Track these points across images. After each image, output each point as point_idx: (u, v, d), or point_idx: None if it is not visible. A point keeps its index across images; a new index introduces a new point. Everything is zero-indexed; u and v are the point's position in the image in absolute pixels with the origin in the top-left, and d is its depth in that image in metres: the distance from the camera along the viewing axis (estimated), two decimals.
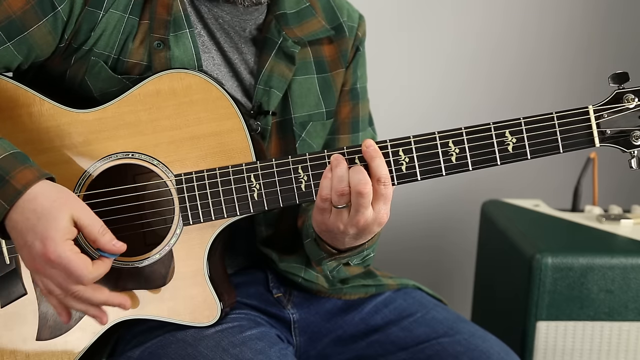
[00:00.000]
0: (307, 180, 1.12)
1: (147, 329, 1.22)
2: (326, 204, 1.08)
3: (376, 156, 1.07)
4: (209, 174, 1.13)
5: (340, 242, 1.15)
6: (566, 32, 2.32)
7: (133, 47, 1.19)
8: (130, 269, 1.16)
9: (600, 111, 1.09)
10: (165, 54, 1.18)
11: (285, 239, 1.33)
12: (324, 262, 1.23)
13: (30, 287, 1.17)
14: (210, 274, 1.16)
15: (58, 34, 1.16)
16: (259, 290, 1.34)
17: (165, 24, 1.19)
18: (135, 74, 1.20)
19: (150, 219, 1.21)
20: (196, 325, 1.17)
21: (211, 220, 1.14)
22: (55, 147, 1.16)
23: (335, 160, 1.08)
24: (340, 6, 1.36)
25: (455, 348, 1.25)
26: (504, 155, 1.10)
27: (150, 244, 1.20)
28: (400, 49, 2.29)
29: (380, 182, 1.07)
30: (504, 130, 1.09)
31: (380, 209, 1.08)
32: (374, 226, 1.09)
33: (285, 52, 1.27)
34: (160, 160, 1.15)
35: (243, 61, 1.28)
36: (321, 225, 1.12)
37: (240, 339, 1.15)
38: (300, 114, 1.30)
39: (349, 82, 1.37)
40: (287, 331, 1.32)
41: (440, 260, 2.44)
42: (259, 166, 1.13)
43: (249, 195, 1.13)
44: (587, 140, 1.09)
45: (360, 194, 1.05)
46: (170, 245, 1.16)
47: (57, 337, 1.17)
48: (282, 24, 1.28)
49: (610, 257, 1.65)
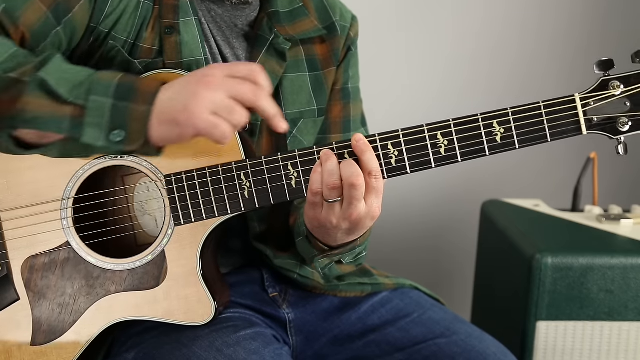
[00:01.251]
0: (297, 177, 1.12)
1: (142, 330, 1.22)
2: (317, 198, 1.09)
3: (366, 150, 1.08)
4: (199, 174, 1.13)
5: (332, 239, 1.15)
6: (566, 31, 2.32)
7: (147, 32, 1.19)
8: (122, 271, 1.16)
9: (587, 99, 1.10)
10: (175, 39, 1.19)
11: (279, 235, 1.34)
12: (316, 259, 1.24)
13: (23, 293, 1.17)
14: (203, 273, 1.16)
15: (89, 13, 1.15)
16: (254, 289, 1.34)
17: (175, 9, 1.20)
18: (148, 58, 1.20)
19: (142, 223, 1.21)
20: (191, 324, 1.17)
21: (202, 219, 1.14)
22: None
23: (325, 155, 1.09)
24: (333, 6, 1.36)
25: (452, 349, 1.25)
26: (493, 145, 1.10)
27: (141, 245, 1.21)
28: (399, 50, 2.29)
29: (371, 175, 1.07)
30: (491, 121, 1.10)
31: (373, 203, 1.08)
32: (367, 220, 1.09)
33: (277, 48, 1.28)
34: (149, 161, 1.15)
35: (234, 56, 1.28)
36: (313, 221, 1.12)
37: (235, 339, 1.15)
38: (292, 111, 1.30)
39: (339, 81, 1.37)
40: (283, 331, 1.32)
41: (440, 260, 2.44)
42: (249, 164, 1.13)
43: (240, 193, 1.13)
44: (575, 128, 1.09)
45: (353, 186, 1.06)
46: (163, 245, 1.16)
47: (52, 341, 1.17)
48: (275, 21, 1.29)
49: (610, 257, 1.65)
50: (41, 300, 1.17)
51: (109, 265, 1.16)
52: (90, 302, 1.17)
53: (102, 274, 1.16)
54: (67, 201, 1.16)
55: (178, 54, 1.19)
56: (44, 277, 1.17)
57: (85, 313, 1.17)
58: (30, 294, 1.17)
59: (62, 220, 1.16)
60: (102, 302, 1.17)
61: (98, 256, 1.16)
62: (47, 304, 1.17)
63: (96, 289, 1.16)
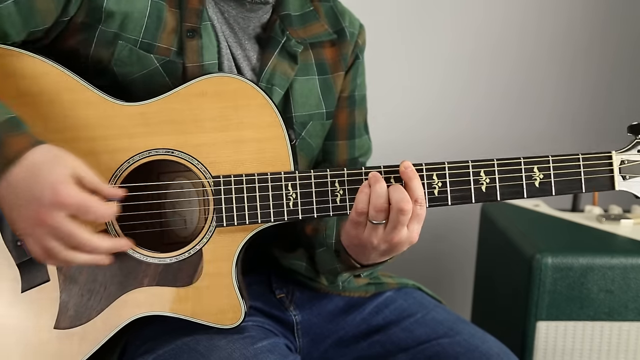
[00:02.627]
0: (342, 194, 1.14)
1: (156, 334, 1.21)
2: (362, 217, 1.10)
3: (414, 177, 1.10)
4: (248, 179, 1.15)
5: (365, 257, 1.17)
6: (566, 32, 2.32)
7: (163, 33, 1.20)
8: (157, 265, 1.16)
9: (622, 157, 1.16)
10: (197, 42, 1.20)
11: (288, 238, 1.34)
12: (340, 276, 1.26)
13: (54, 274, 1.16)
14: (236, 277, 1.17)
15: (61, 3, 1.14)
16: (262, 290, 1.34)
17: (198, 13, 1.21)
18: (166, 56, 1.20)
19: (177, 217, 1.22)
20: (219, 327, 1.17)
21: (245, 224, 1.15)
22: (97, 136, 1.16)
23: (374, 177, 1.11)
24: (342, 12, 1.38)
25: (455, 349, 1.26)
26: (531, 189, 1.15)
27: (167, 243, 1.21)
28: (399, 51, 2.29)
29: (417, 202, 1.09)
30: (532, 166, 1.14)
31: (414, 229, 1.11)
32: (404, 244, 1.12)
33: (289, 51, 1.28)
34: (200, 160, 1.16)
35: (246, 57, 1.28)
36: (354, 239, 1.14)
37: (252, 351, 1.15)
38: (301, 113, 1.31)
39: (347, 88, 1.38)
40: (290, 334, 1.32)
41: (440, 260, 2.44)
42: (297, 176, 1.15)
43: (285, 203, 1.15)
44: (609, 183, 1.16)
45: (401, 211, 1.08)
46: (202, 244, 1.16)
47: (76, 326, 1.16)
48: (287, 24, 1.30)
49: (610, 257, 1.65)
50: (71, 284, 1.16)
51: (145, 257, 1.16)
52: (120, 292, 1.16)
53: (137, 266, 1.16)
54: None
55: (200, 57, 1.20)
56: None
57: (114, 302, 1.16)
58: (61, 277, 1.16)
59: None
60: (132, 294, 1.16)
61: (136, 247, 1.16)
62: (76, 289, 1.16)
63: (129, 280, 1.16)
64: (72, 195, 0.99)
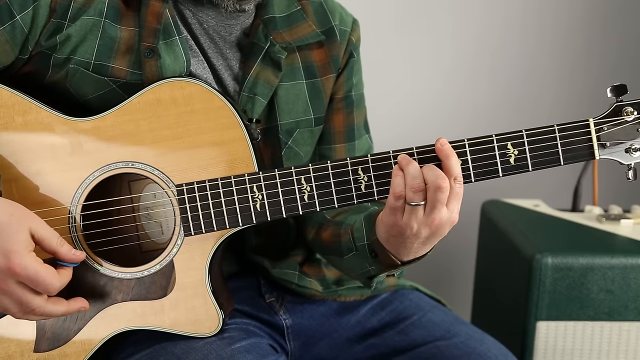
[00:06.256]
0: (309, 191, 1.11)
1: (139, 339, 1.20)
2: (400, 202, 1.06)
3: (451, 155, 1.07)
4: (211, 184, 1.12)
5: (406, 250, 1.12)
6: (566, 34, 2.31)
7: (117, 53, 1.17)
8: (129, 280, 1.15)
9: (601, 124, 1.10)
10: (155, 62, 1.17)
11: (276, 247, 1.32)
12: (375, 276, 1.21)
13: None
14: (211, 284, 1.15)
15: (17, 45, 1.14)
16: (251, 295, 1.33)
17: (155, 33, 1.18)
18: (122, 78, 1.18)
19: (147, 229, 1.20)
20: (198, 336, 1.16)
21: (213, 230, 1.13)
22: (53, 155, 1.15)
23: (404, 159, 1.07)
24: (332, 9, 1.33)
25: (452, 351, 1.24)
26: (505, 167, 1.10)
27: (145, 251, 1.20)
28: (399, 52, 2.29)
29: (456, 180, 1.06)
30: (505, 142, 1.10)
31: (454, 208, 1.07)
32: (446, 226, 1.08)
33: (272, 57, 1.24)
34: (162, 170, 1.14)
35: (227, 67, 1.25)
36: (392, 228, 1.09)
37: (229, 352, 1.14)
38: (287, 121, 1.28)
39: (342, 89, 1.34)
40: (280, 337, 1.31)
41: (440, 260, 2.44)
42: (262, 176, 1.12)
43: (252, 205, 1.12)
44: (588, 153, 1.10)
45: (439, 189, 1.04)
46: (172, 255, 1.15)
47: (55, 348, 1.16)
48: (270, 28, 1.26)
49: (610, 257, 1.65)
50: None
51: (117, 273, 1.15)
52: (95, 311, 1.15)
53: (109, 282, 1.15)
54: (76, 207, 1.14)
55: (160, 76, 1.16)
56: None
57: (90, 321, 1.16)
58: None
59: (70, 226, 1.15)
60: (108, 311, 1.15)
61: (106, 264, 1.15)
62: None
63: (102, 297, 1.15)
64: (23, 266, 1.02)
